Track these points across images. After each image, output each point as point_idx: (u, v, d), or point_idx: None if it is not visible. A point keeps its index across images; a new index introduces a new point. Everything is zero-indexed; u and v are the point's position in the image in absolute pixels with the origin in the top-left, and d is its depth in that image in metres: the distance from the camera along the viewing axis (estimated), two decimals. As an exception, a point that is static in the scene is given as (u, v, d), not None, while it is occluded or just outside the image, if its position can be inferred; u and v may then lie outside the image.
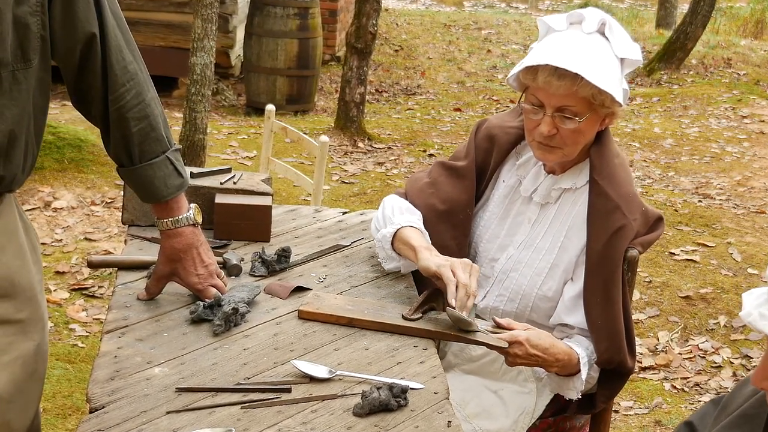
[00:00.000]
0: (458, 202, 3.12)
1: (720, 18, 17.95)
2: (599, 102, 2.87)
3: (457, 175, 3.15)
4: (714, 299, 6.12)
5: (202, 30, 7.15)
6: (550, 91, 2.86)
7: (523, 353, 2.80)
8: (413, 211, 3.12)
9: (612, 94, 2.85)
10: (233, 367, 2.48)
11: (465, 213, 3.12)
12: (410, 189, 3.22)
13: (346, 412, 2.33)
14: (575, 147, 2.95)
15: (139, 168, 2.62)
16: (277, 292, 2.87)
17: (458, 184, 3.14)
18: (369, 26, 9.54)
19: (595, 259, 2.93)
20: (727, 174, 8.98)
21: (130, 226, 3.21)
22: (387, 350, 2.63)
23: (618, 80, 2.91)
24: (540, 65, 2.85)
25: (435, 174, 3.19)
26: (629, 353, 2.96)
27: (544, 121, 2.90)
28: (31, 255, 2.57)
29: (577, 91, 2.83)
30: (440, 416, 2.35)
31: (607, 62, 2.88)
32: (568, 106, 2.87)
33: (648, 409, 5.05)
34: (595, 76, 2.82)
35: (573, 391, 2.95)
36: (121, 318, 2.66)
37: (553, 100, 2.87)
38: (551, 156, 2.97)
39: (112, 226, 6.61)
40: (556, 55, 2.84)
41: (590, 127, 2.94)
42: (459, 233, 3.11)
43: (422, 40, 15.19)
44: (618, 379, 3.03)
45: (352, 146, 9.54)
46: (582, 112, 2.88)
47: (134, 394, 2.33)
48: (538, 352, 2.81)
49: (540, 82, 2.86)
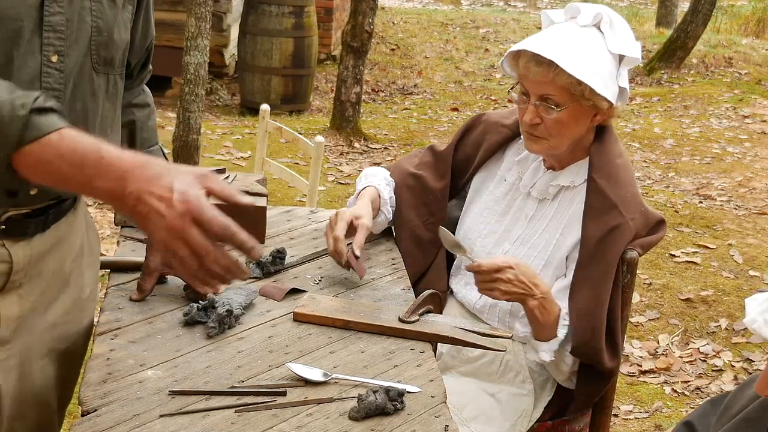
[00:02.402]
0: (431, 182, 3.25)
1: (721, 16, 17.95)
2: (579, 93, 2.89)
3: (436, 159, 3.28)
4: (715, 302, 6.09)
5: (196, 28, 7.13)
6: (531, 78, 2.92)
7: (514, 277, 2.85)
8: (377, 175, 3.28)
9: (590, 85, 2.85)
10: (227, 369, 2.45)
11: (435, 195, 3.24)
12: (397, 162, 3.41)
13: (341, 416, 2.30)
14: (560, 139, 2.97)
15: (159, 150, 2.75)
16: (272, 294, 2.85)
17: (436, 168, 3.27)
18: (365, 25, 9.53)
19: (587, 255, 2.94)
20: (729, 175, 8.95)
21: (123, 227, 3.20)
22: (383, 353, 2.61)
23: (608, 75, 2.91)
24: (522, 51, 2.91)
25: (422, 155, 3.34)
26: (610, 353, 2.95)
27: (528, 110, 2.96)
28: (87, 257, 2.64)
29: (555, 79, 2.87)
30: (437, 420, 2.33)
31: (593, 54, 2.89)
32: (549, 95, 2.91)
33: (648, 413, 5.03)
34: (571, 64, 2.84)
35: (546, 353, 2.96)
36: (113, 320, 2.64)
37: (536, 87, 2.93)
38: (537, 146, 3.01)
39: (104, 227, 6.57)
40: (536, 42, 2.90)
41: (575, 120, 2.95)
42: (428, 214, 3.24)
43: (419, 38, 15.18)
44: (598, 379, 3.02)
45: (348, 146, 9.52)
46: (563, 102, 2.91)
47: (127, 397, 2.30)
48: (526, 279, 2.86)
49: (521, 68, 2.94)
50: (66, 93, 2.31)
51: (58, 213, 2.48)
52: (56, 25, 2.26)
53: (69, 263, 2.56)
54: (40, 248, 2.44)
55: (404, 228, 3.25)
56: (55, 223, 2.48)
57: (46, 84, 2.27)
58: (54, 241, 2.49)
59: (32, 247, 2.42)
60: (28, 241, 2.41)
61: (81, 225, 2.62)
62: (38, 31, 2.24)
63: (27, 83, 2.23)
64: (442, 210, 3.25)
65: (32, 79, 2.24)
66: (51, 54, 2.26)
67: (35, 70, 2.25)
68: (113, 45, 2.41)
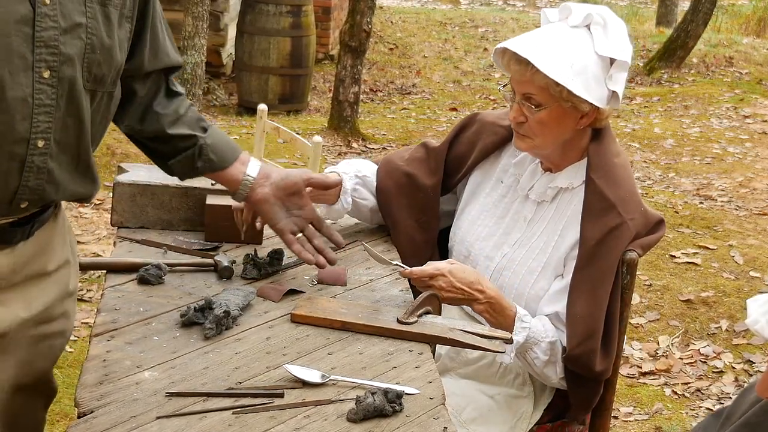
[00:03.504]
0: (422, 180, 3.25)
1: (721, 15, 17.95)
2: (557, 93, 2.88)
3: (428, 156, 3.27)
4: (715, 303, 6.08)
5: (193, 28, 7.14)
6: (513, 76, 2.94)
7: (447, 285, 2.85)
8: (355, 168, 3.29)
9: (566, 86, 2.84)
10: (225, 371, 2.45)
11: (427, 193, 3.23)
12: (388, 156, 3.39)
13: (339, 418, 2.30)
14: (545, 138, 2.97)
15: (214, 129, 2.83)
16: (270, 295, 2.84)
17: (428, 165, 3.26)
18: (363, 24, 9.52)
19: (586, 256, 2.92)
20: (729, 175, 8.95)
21: (120, 227, 3.19)
22: (382, 354, 2.60)
23: (592, 77, 2.88)
24: (504, 49, 2.92)
25: (414, 151, 3.33)
26: (603, 357, 2.93)
27: (513, 108, 2.97)
28: (71, 257, 2.67)
29: (533, 78, 2.87)
30: (436, 422, 2.32)
31: (576, 56, 2.87)
32: (531, 95, 2.91)
33: (648, 415, 5.02)
34: (547, 65, 2.83)
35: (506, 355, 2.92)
36: (110, 321, 2.63)
37: (518, 86, 2.94)
38: (522, 144, 3.02)
39: (100, 228, 6.55)
40: (518, 42, 2.91)
41: (556, 121, 2.94)
42: (420, 212, 3.24)
43: (417, 38, 15.18)
44: (592, 384, 3.00)
45: (346, 147, 9.52)
46: (543, 102, 2.90)
47: (123, 399, 2.29)
48: (464, 286, 2.86)
49: (503, 65, 2.96)
50: (59, 109, 2.31)
51: (42, 220, 2.49)
52: (48, 40, 2.25)
53: (51, 266, 2.57)
54: (24, 255, 2.46)
55: (399, 229, 3.24)
56: (39, 229, 2.49)
57: (38, 100, 2.26)
58: (37, 248, 2.50)
59: (16, 255, 2.44)
60: (13, 248, 2.43)
61: (62, 228, 2.63)
62: (30, 46, 2.23)
63: (20, 100, 2.23)
64: (435, 208, 3.24)
65: (25, 96, 2.24)
66: (43, 70, 2.26)
67: (28, 86, 2.24)
68: (106, 63, 2.40)
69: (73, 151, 2.40)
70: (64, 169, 2.39)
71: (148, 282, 2.83)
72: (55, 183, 2.38)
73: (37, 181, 2.33)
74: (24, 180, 2.31)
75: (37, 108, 2.26)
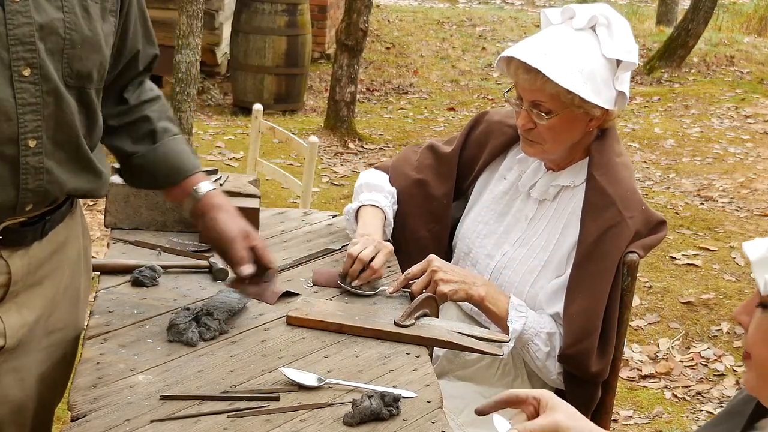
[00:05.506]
0: (435, 188, 3.23)
1: (722, 14, 17.94)
2: (569, 100, 2.86)
3: (440, 162, 3.25)
4: (716, 305, 6.07)
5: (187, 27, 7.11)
6: (521, 84, 2.92)
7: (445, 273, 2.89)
8: (382, 188, 3.23)
9: (579, 94, 2.83)
10: (219, 374, 2.45)
11: (440, 202, 3.22)
12: (395, 164, 3.34)
13: (336, 422, 2.29)
14: (555, 144, 2.97)
15: (168, 141, 2.66)
16: (265, 298, 2.81)
17: (439, 171, 3.24)
18: (360, 23, 9.50)
19: (585, 253, 2.92)
20: (730, 175, 8.93)
21: (113, 229, 3.19)
22: (378, 357, 2.60)
23: (601, 80, 2.88)
24: (512, 57, 2.89)
25: (422, 157, 3.29)
26: (599, 358, 2.92)
27: (521, 115, 2.95)
28: (84, 262, 2.64)
29: (543, 87, 2.86)
30: (433, 426, 2.32)
31: (584, 60, 2.86)
32: (540, 102, 2.90)
33: (648, 419, 5.01)
34: (559, 73, 2.81)
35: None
36: (103, 323, 2.63)
37: (527, 94, 2.92)
38: (532, 150, 3.01)
39: (94, 229, 6.51)
40: (525, 49, 2.88)
41: (567, 127, 2.93)
42: (432, 222, 3.23)
43: (415, 37, 15.17)
44: (589, 385, 2.99)
45: (343, 147, 9.50)
46: (554, 110, 2.89)
47: (117, 402, 2.29)
48: (460, 271, 2.94)
49: (512, 74, 2.93)
50: (47, 106, 2.28)
51: (55, 219, 2.46)
52: (24, 37, 2.22)
53: (67, 269, 2.55)
54: (38, 256, 2.43)
55: (409, 238, 3.24)
56: (53, 229, 2.46)
57: (22, 99, 2.23)
58: (53, 248, 2.48)
59: (30, 256, 2.41)
60: (27, 249, 2.40)
61: (78, 229, 2.61)
62: (5, 45, 2.19)
63: (2, 100, 2.20)
64: (447, 216, 3.24)
65: (6, 96, 2.21)
66: (22, 68, 2.22)
67: (6, 86, 2.20)
68: (89, 58, 2.36)
69: (70, 147, 2.37)
70: (63, 167, 2.36)
71: (142, 284, 2.84)
72: (57, 181, 2.35)
73: (37, 181, 2.31)
74: (23, 183, 2.28)
75: (21, 108, 2.23)
